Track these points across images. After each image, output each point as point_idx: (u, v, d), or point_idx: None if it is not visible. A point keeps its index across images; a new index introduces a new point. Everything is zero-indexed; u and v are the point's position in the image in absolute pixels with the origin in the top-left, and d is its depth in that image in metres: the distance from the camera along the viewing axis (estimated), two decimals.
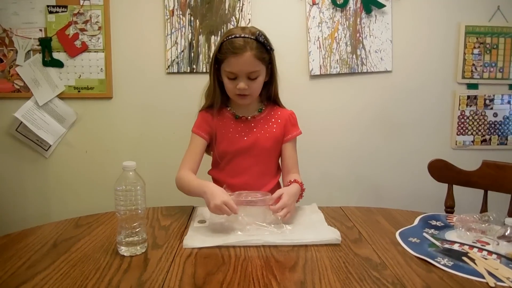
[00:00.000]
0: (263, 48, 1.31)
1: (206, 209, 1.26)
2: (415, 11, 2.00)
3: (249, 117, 1.40)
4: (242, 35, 1.28)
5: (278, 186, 1.46)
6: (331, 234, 1.05)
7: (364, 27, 1.99)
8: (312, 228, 1.11)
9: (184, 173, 1.31)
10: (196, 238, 1.04)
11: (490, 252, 0.96)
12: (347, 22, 1.99)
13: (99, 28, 1.94)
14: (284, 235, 1.06)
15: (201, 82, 1.51)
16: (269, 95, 1.44)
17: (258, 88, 1.35)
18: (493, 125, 2.08)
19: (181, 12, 1.95)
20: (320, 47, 1.99)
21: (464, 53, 2.03)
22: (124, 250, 0.96)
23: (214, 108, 1.39)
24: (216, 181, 1.42)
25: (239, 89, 1.29)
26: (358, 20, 1.99)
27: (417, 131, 2.08)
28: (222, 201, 1.09)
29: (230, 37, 1.29)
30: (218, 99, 1.39)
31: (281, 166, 1.45)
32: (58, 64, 1.94)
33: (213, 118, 1.39)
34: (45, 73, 1.94)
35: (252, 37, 1.28)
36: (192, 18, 1.95)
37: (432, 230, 1.12)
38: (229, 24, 1.95)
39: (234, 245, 1.01)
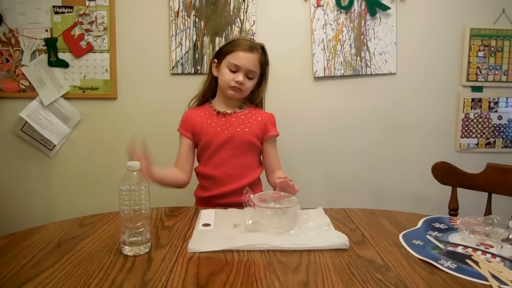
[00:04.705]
0: (264, 59, 1.48)
1: (210, 212, 1.26)
2: (419, 14, 2.00)
3: (230, 112, 1.48)
4: (253, 42, 1.46)
5: (259, 180, 1.53)
6: (339, 239, 1.04)
7: (368, 29, 1.99)
8: (319, 233, 1.09)
9: None
10: (201, 242, 1.03)
11: (494, 255, 0.96)
12: (351, 24, 1.99)
13: (105, 29, 1.95)
14: (291, 240, 1.04)
15: None
16: (252, 99, 1.54)
17: (250, 88, 1.47)
18: (497, 128, 2.07)
19: (186, 13, 1.96)
20: (324, 49, 1.99)
21: (469, 56, 2.02)
22: (127, 250, 0.96)
23: (204, 93, 1.53)
24: (202, 175, 1.49)
25: (237, 82, 1.40)
26: (363, 22, 1.99)
27: (421, 133, 2.07)
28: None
29: (240, 39, 1.46)
30: (210, 86, 1.52)
31: (264, 164, 1.54)
32: (64, 64, 1.96)
33: (196, 116, 1.49)
34: (51, 73, 1.95)
35: (259, 45, 1.47)
36: (196, 19, 1.96)
37: (436, 232, 1.12)
38: (233, 25, 1.96)
39: (241, 249, 1.00)
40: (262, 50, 1.46)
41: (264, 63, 1.47)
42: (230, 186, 1.43)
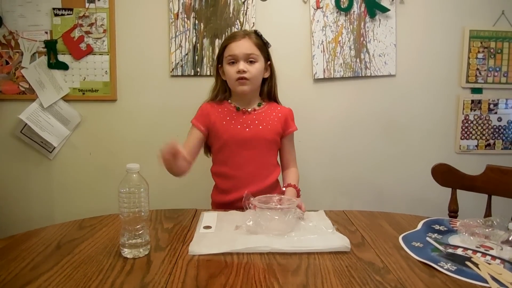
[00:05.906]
0: (261, 41, 1.45)
1: (212, 215, 1.26)
2: (419, 15, 2.00)
3: (250, 110, 1.45)
4: (243, 30, 1.55)
5: (278, 180, 1.51)
6: (340, 242, 1.03)
7: (368, 31, 1.99)
8: (321, 236, 1.08)
9: None
10: (202, 245, 1.02)
11: (494, 257, 0.96)
12: (351, 26, 1.99)
13: (104, 31, 1.95)
14: (293, 242, 1.04)
15: (205, 85, 1.53)
16: (269, 93, 1.52)
17: (257, 73, 1.42)
18: (497, 130, 2.07)
19: (185, 15, 1.96)
20: (324, 51, 2.00)
21: (468, 58, 2.02)
22: (127, 252, 0.96)
23: (216, 99, 1.48)
24: (223, 175, 1.45)
25: (239, 71, 1.37)
26: (362, 24, 1.99)
27: (420, 135, 2.07)
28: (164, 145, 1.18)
29: (231, 33, 1.50)
30: (221, 90, 1.49)
31: (280, 159, 1.53)
32: (63, 66, 1.96)
33: (214, 111, 1.45)
34: (50, 75, 1.95)
35: (251, 31, 1.47)
36: (196, 21, 1.96)
37: (436, 234, 1.12)
38: (233, 27, 1.96)
39: (241, 252, 1.00)
40: (255, 34, 1.45)
41: (262, 45, 1.45)
42: (255, 187, 1.36)
